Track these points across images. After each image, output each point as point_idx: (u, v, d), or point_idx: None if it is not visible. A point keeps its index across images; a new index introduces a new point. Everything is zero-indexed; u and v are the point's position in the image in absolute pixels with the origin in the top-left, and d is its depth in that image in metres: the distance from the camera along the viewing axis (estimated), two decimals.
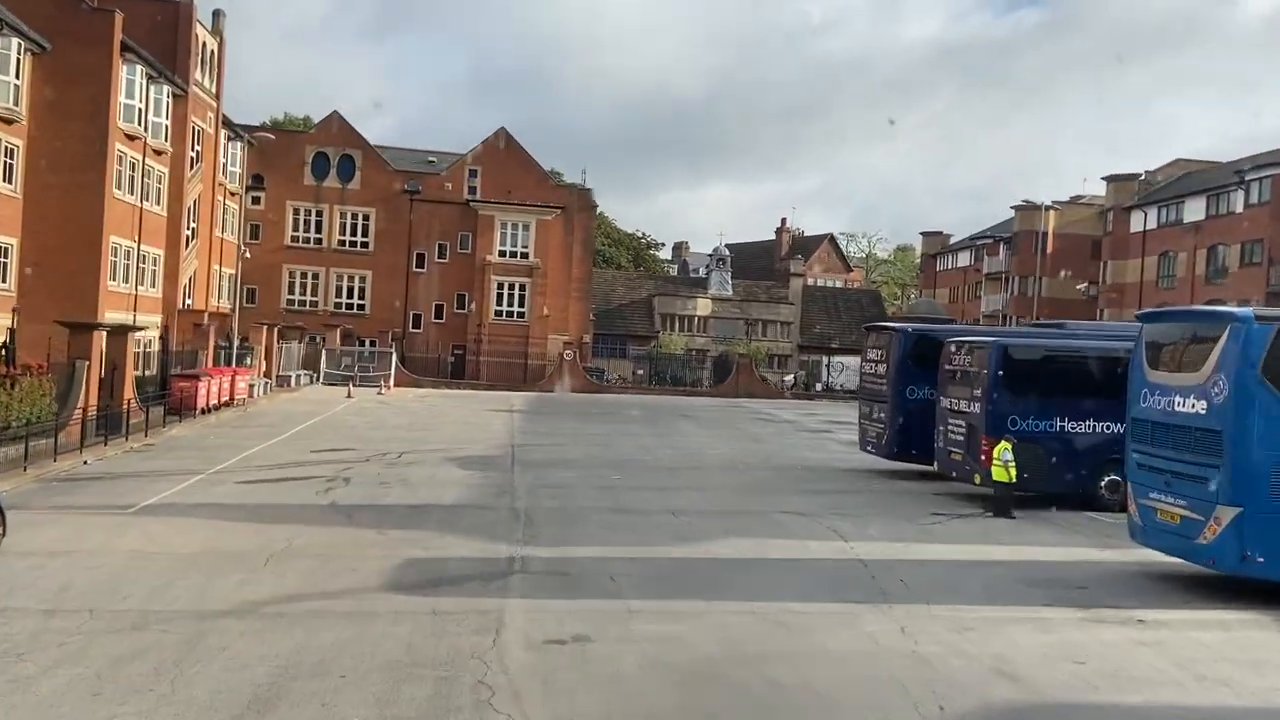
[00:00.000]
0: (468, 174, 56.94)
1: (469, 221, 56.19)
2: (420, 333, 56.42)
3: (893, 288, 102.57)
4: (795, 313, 79.73)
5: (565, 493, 20.49)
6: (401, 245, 56.08)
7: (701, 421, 39.03)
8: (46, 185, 33.49)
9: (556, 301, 57.09)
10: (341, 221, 55.73)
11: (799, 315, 79.90)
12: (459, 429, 32.53)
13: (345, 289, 56.02)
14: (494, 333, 55.27)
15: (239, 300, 45.31)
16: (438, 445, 27.85)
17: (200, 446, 25.80)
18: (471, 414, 38.22)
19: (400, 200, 56.07)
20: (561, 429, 33.89)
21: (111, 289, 35.74)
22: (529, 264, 55.87)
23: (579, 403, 46.77)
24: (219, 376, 33.93)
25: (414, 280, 56.37)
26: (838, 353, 75.08)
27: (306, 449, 26.01)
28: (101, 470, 21.35)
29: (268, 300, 54.65)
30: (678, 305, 76.67)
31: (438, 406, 41.24)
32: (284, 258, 55.11)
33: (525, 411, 40.30)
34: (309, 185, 55.36)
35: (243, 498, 18.66)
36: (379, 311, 55.92)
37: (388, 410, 38.45)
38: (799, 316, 79.92)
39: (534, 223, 55.95)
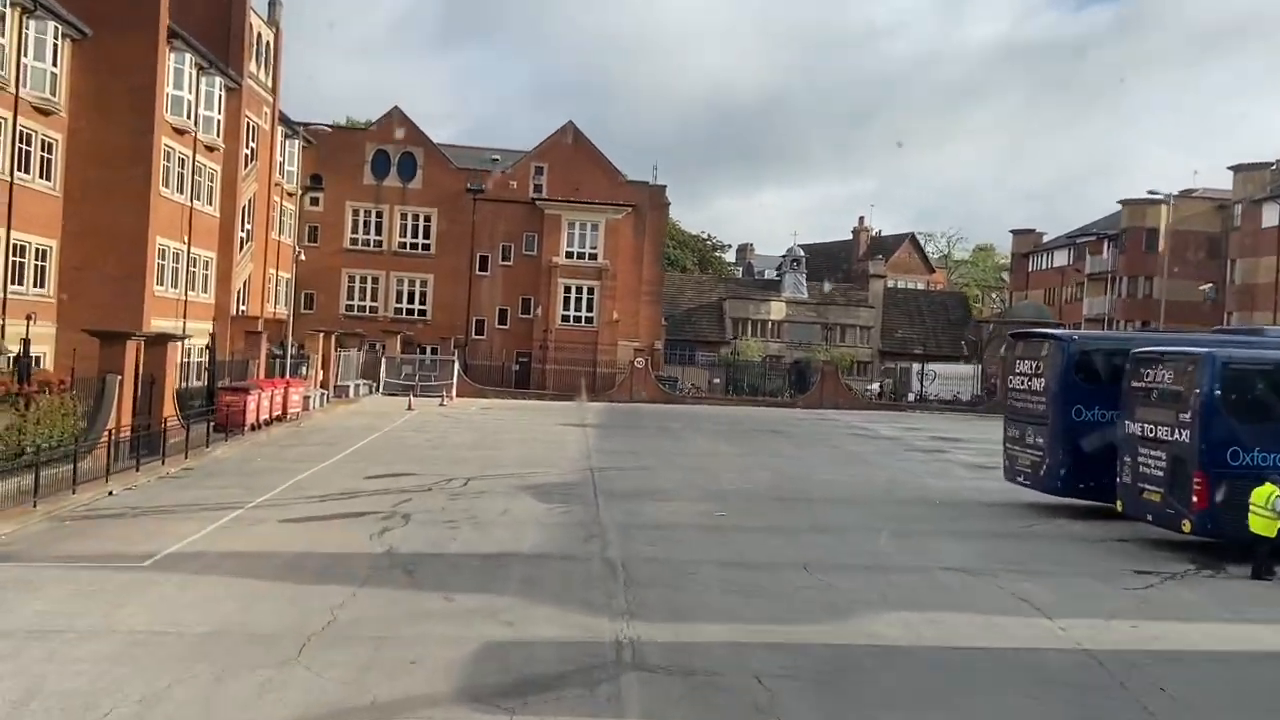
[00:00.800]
0: (533, 171, 53.98)
1: (534, 221, 53.20)
2: (483, 339, 53.57)
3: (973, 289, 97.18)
4: (875, 316, 75.38)
5: (665, 536, 17.00)
6: (464, 247, 53.33)
7: (794, 438, 35.26)
8: (87, 182, 31.19)
9: (626, 305, 53.77)
10: (402, 223, 53.18)
11: (880, 319, 75.56)
12: (529, 448, 29.31)
13: (406, 293, 53.45)
14: (561, 339, 52.17)
15: (295, 306, 42.86)
16: (508, 468, 24.61)
17: (244, 471, 22.92)
18: (541, 429, 35.03)
19: (463, 200, 53.33)
20: (642, 448, 30.46)
21: (159, 294, 33.37)
22: (597, 266, 52.66)
23: (654, 415, 43.33)
24: (270, 389, 31.25)
25: (477, 284, 53.57)
26: (921, 359, 70.69)
27: (362, 473, 22.97)
28: (127, 503, 18.49)
29: (326, 306, 52.34)
30: (750, 309, 72.88)
31: (504, 420, 38.15)
32: (343, 261, 52.75)
33: (599, 426, 36.98)
34: (368, 185, 52.93)
35: (284, 543, 15.55)
36: (441, 317, 53.22)
37: (450, 424, 35.46)
38: (880, 320, 75.58)
39: (603, 222, 52.74)
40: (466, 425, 35.40)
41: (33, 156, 29.36)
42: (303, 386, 35.76)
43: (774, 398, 54.19)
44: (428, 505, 19.19)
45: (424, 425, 34.84)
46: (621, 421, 39.39)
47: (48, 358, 29.89)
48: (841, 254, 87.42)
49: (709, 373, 58.02)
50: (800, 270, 76.31)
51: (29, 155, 29.17)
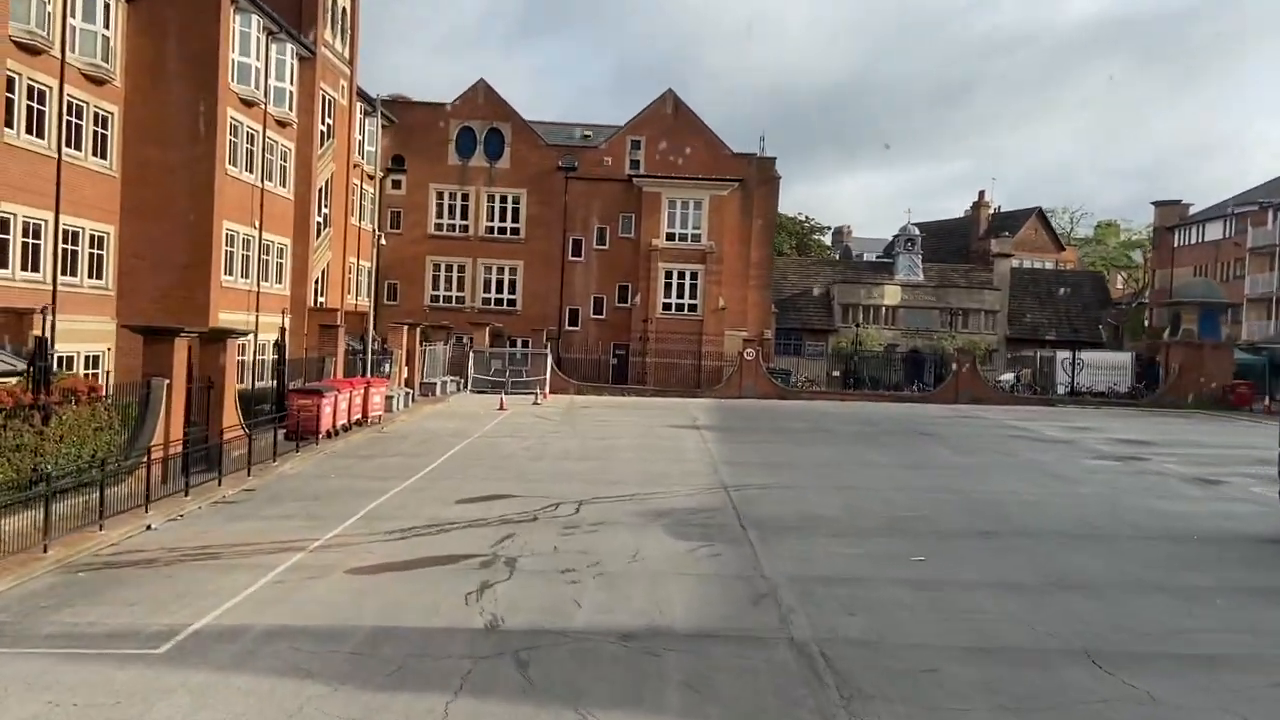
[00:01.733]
0: (629, 146, 49.73)
1: (632, 201, 48.97)
2: (577, 330, 49.66)
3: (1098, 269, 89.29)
4: (1001, 300, 69.15)
5: (861, 598, 12.50)
6: (556, 231, 49.46)
7: (948, 442, 30.22)
8: (146, 161, 28.16)
9: (733, 291, 49.16)
10: (489, 205, 49.59)
11: (1006, 302, 69.26)
12: (644, 456, 25.08)
13: (494, 282, 49.88)
14: (662, 329, 47.88)
15: (377, 297, 39.60)
16: (624, 486, 20.42)
17: (313, 493, 19.23)
18: (651, 431, 30.81)
19: (554, 179, 49.43)
20: (775, 457, 25.93)
21: (227, 285, 30.25)
22: (702, 248, 48.15)
23: (772, 414, 38.68)
24: (348, 390, 27.75)
25: (570, 270, 49.65)
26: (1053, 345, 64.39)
27: (453, 495, 19.06)
28: (165, 542, 14.85)
29: (409, 297, 49.17)
30: (861, 294, 67.44)
31: (607, 421, 34.05)
32: (427, 248, 49.46)
33: (715, 428, 32.55)
34: (453, 165, 49.46)
35: (352, 610, 11.58)
36: (531, 307, 49.50)
37: (548, 427, 31.51)
38: (1006, 304, 69.28)
39: (707, 199, 48.18)
40: (567, 429, 31.40)
41: (84, 131, 26.36)
42: (385, 386, 32.28)
43: (898, 391, 48.92)
44: (535, 543, 15.08)
45: (519, 429, 30.98)
46: (739, 422, 34.88)
47: (108, 358, 26.97)
48: (958, 232, 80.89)
49: (827, 364, 52.97)
50: (915, 251, 70.50)
51: (79, 130, 26.17)
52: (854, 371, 49.64)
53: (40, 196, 24.50)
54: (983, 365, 59.40)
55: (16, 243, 23.79)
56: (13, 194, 23.43)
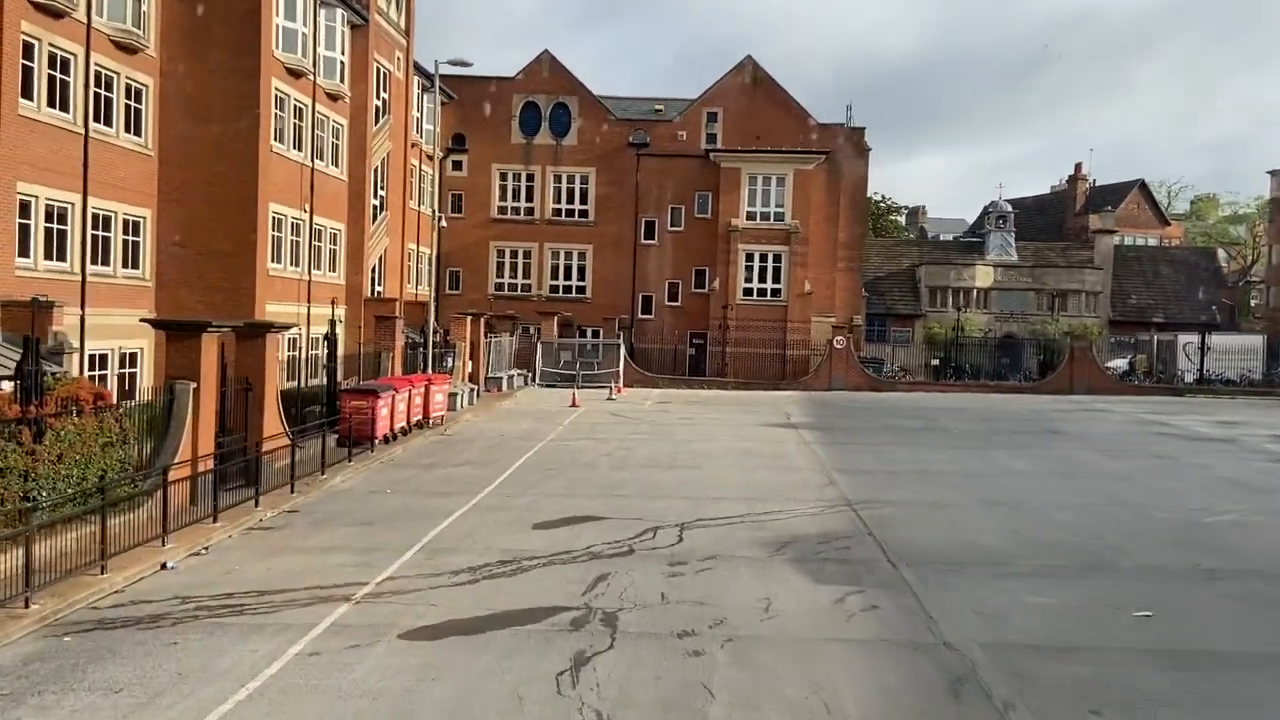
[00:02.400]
0: (705, 119, 46.24)
1: (709, 177, 45.52)
2: (651, 319, 46.46)
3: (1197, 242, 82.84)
4: (1104, 279, 64.05)
5: (1106, 685, 9.12)
6: (627, 212, 46.27)
7: (1089, 442, 26.31)
8: (186, 138, 25.65)
9: (820, 274, 45.43)
10: (556, 186, 46.60)
11: (1109, 283, 64.18)
12: (743, 464, 21.80)
13: (562, 268, 46.91)
14: (742, 316, 44.42)
15: (438, 286, 36.91)
16: (730, 503, 17.20)
17: (365, 514, 16.36)
18: (743, 431, 27.49)
19: (624, 156, 46.22)
20: (895, 462, 22.42)
21: (275, 273, 27.70)
22: (785, 228, 44.50)
23: (871, 409, 35.01)
24: (407, 388, 24.95)
25: (642, 254, 46.44)
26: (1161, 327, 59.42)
27: (528, 517, 16.04)
28: (178, 588, 12.06)
29: (472, 285, 46.49)
30: (950, 275, 62.95)
31: (691, 419, 30.81)
32: (490, 233, 46.69)
33: (814, 426, 29.07)
34: (517, 144, 46.55)
35: (403, 709, 8.53)
36: (601, 294, 46.43)
37: (628, 428, 28.39)
38: (1109, 284, 64.19)
39: (791, 174, 44.48)
40: (649, 429, 28.24)
41: (115, 105, 23.90)
42: (447, 382, 29.48)
43: (1001, 381, 44.69)
44: (637, 588, 11.95)
45: (595, 429, 27.92)
46: (839, 420, 31.33)
47: (144, 356, 24.57)
48: (1052, 208, 75.71)
49: (914, 351, 48.93)
50: (1008, 229, 65.77)
51: (110, 104, 23.72)
52: (952, 360, 45.52)
53: (65, 177, 22.10)
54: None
55: (39, 228, 21.41)
56: (33, 174, 21.03)
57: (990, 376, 45.27)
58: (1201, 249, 71.38)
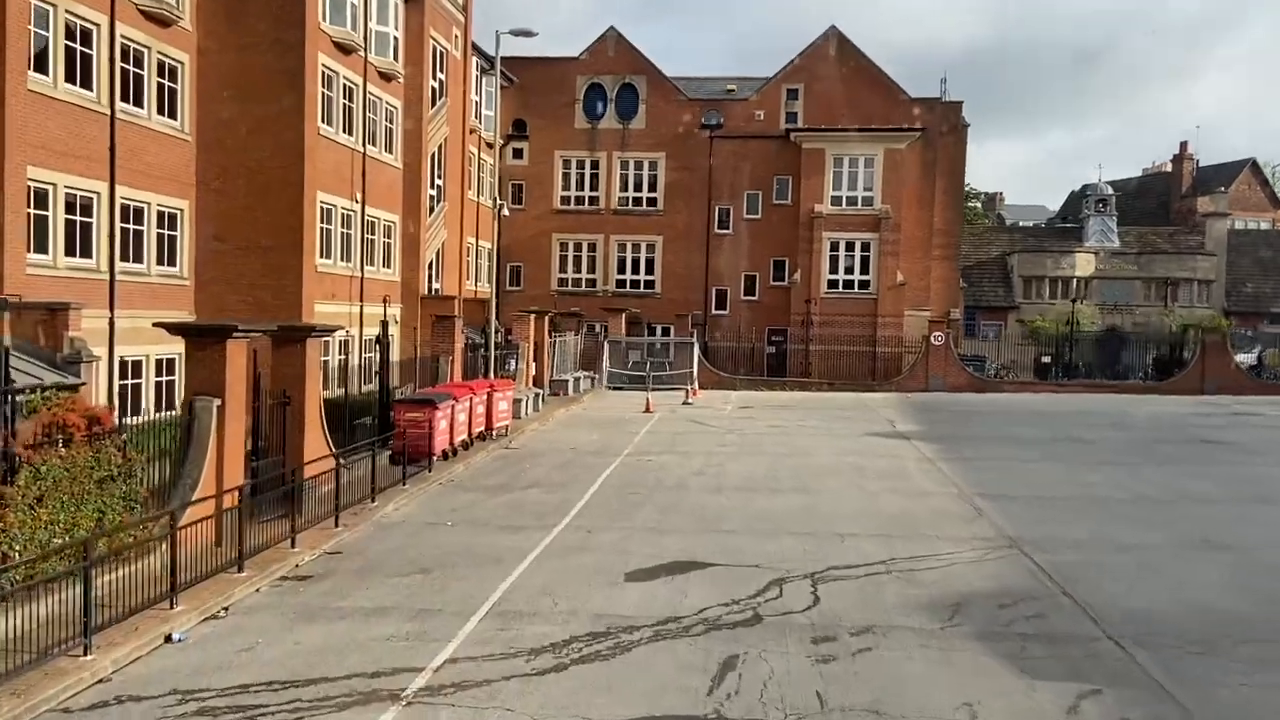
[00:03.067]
0: (785, 96, 42.90)
1: (788, 160, 42.21)
2: (725, 314, 43.33)
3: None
4: (1217, 267, 59.21)
5: None
6: (699, 199, 43.19)
7: (1266, 456, 22.53)
8: (225, 121, 23.29)
9: (913, 264, 41.83)
10: (623, 174, 43.71)
11: (1223, 270, 59.28)
12: (860, 484, 18.62)
13: (629, 261, 44.02)
14: (827, 310, 41.05)
15: (499, 282, 34.29)
16: (861, 540, 14.09)
17: (419, 558, 13.60)
18: (847, 443, 24.26)
19: (696, 140, 43.13)
20: (1040, 482, 19.03)
21: (323, 269, 25.23)
22: (874, 213, 40.98)
23: (982, 412, 31.46)
24: (468, 396, 22.26)
25: (716, 245, 43.33)
26: None
27: (618, 563, 13.13)
28: (178, 678, 9.37)
29: (534, 280, 43.88)
30: (1047, 264, 58.71)
31: (782, 426, 27.67)
32: (553, 225, 44.00)
33: (927, 436, 25.69)
34: (580, 129, 43.76)
35: None
36: (672, 289, 43.45)
37: (713, 438, 25.35)
38: (1223, 272, 59.30)
39: (881, 155, 40.94)
40: (737, 439, 25.17)
41: (146, 83, 21.58)
42: (511, 388, 26.77)
43: (1120, 380, 40.57)
44: (780, 687, 8.95)
45: (676, 440, 24.95)
46: (950, 426, 27.89)
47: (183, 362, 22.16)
48: (1152, 191, 70.62)
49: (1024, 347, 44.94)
50: (1108, 213, 61.20)
51: (140, 81, 21.40)
52: (1063, 356, 41.46)
53: (88, 163, 19.81)
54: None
55: (58, 220, 19.13)
56: (49, 158, 18.74)
57: (1104, 374, 41.19)
58: None
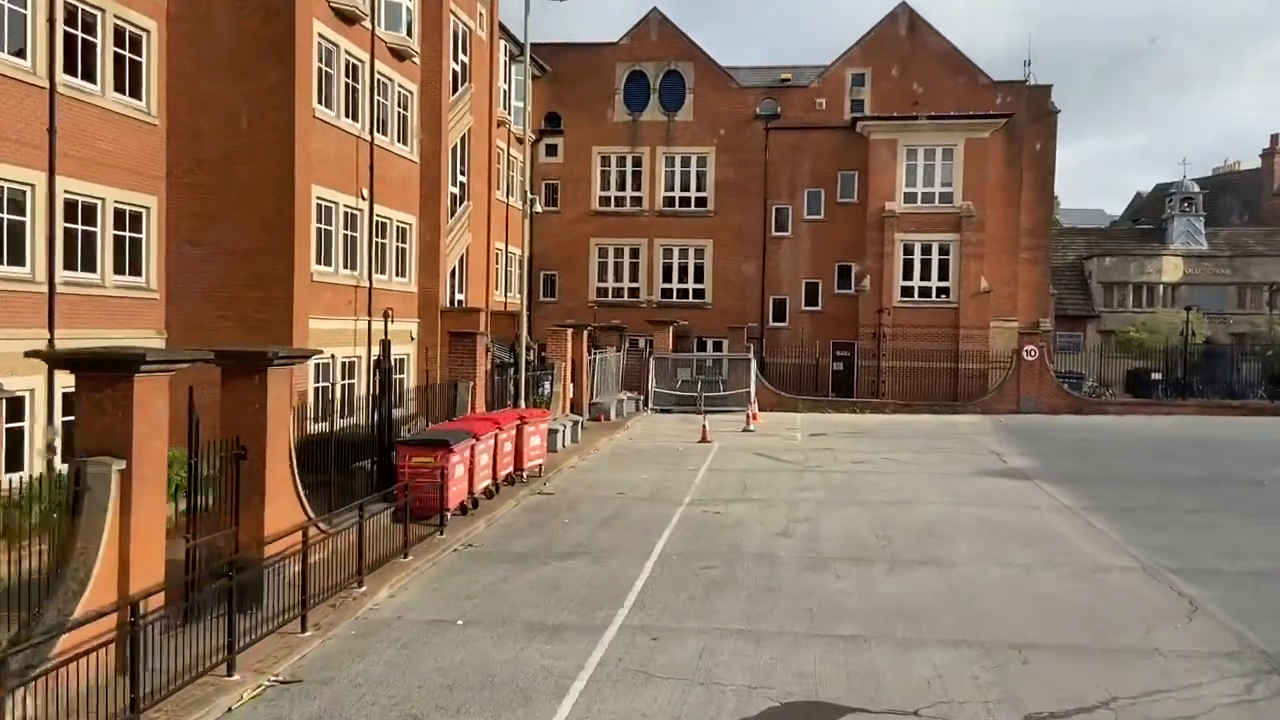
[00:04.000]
0: (850, 81, 38.61)
1: (854, 153, 37.89)
2: (785, 327, 39.01)
3: None
4: None
5: None
6: (754, 199, 38.98)
7: None
8: (202, 101, 19.52)
9: (999, 269, 37.26)
10: (668, 171, 39.63)
11: None
12: (1004, 555, 14.22)
13: (676, 268, 39.88)
14: (901, 321, 36.60)
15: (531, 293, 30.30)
16: (1054, 663, 9.76)
17: (411, 694, 9.45)
18: (957, 485, 19.83)
19: (750, 132, 38.94)
20: (1247, 548, 14.57)
21: (320, 277, 21.34)
22: (955, 211, 36.50)
23: (1103, 441, 26.83)
24: (492, 432, 18.14)
25: (773, 250, 39.06)
26: None
27: (704, 704, 8.84)
28: None
29: (571, 290, 39.91)
30: (1130, 269, 53.70)
31: (869, 460, 23.27)
32: (591, 228, 40.02)
33: (1055, 477, 21.12)
34: (621, 122, 39.77)
35: None
36: (724, 298, 39.24)
37: (790, 478, 21.01)
38: None
39: (961, 145, 36.46)
40: (820, 481, 20.80)
41: (100, 53, 17.82)
42: (545, 418, 22.61)
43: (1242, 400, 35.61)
44: None
45: (746, 481, 20.65)
46: (1074, 462, 23.31)
47: None
48: (1239, 188, 65.24)
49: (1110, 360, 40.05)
50: (1195, 213, 56.08)
51: (94, 52, 17.64)
52: (1172, 372, 36.50)
53: (20, 148, 16.03)
54: None
55: None
56: None
57: (1217, 393, 36.20)
58: None
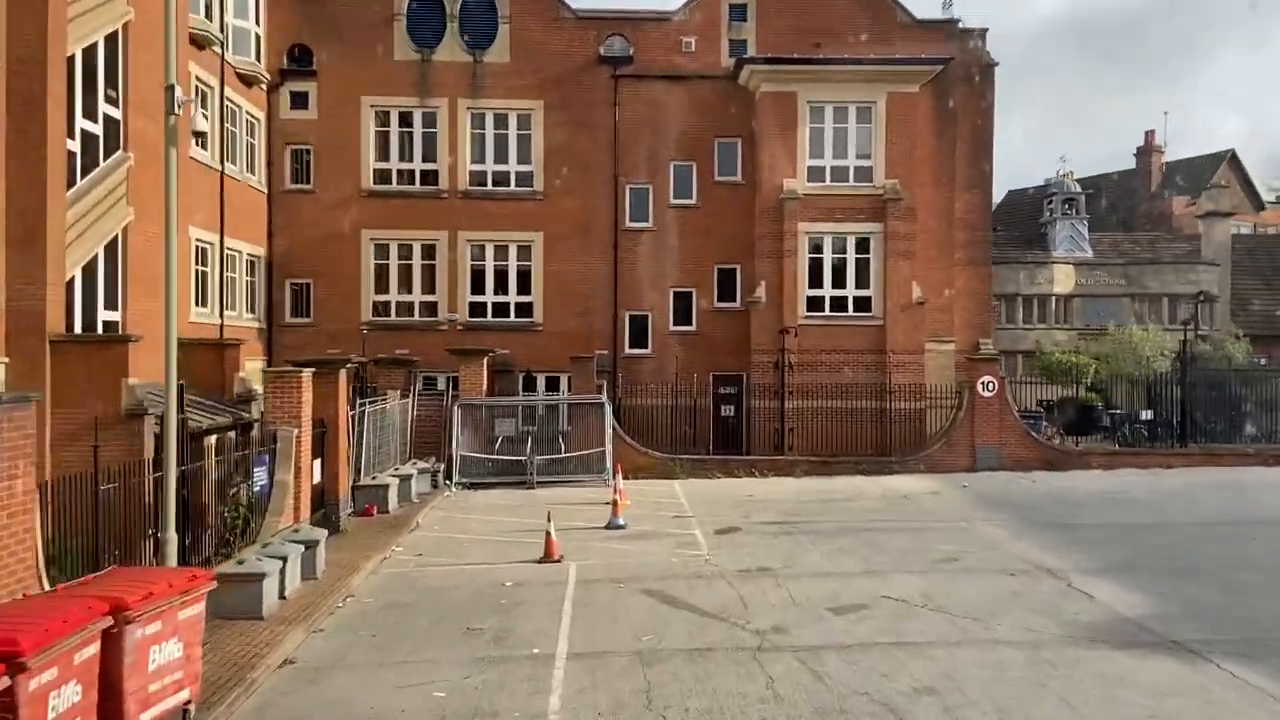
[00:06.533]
0: (727, 15, 28.66)
1: (738, 113, 28.04)
2: (648, 355, 28.46)
3: None
4: (1221, 280, 48.93)
5: None
6: (600, 175, 28.32)
7: None
8: None
9: (931, 270, 28.26)
10: (477, 133, 28.33)
11: (1227, 284, 49.19)
12: None
13: (491, 274, 28.54)
14: (809, 344, 26.84)
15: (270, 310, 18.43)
16: None
17: None
18: (1069, 686, 9.62)
19: (592, 81, 28.31)
20: None
21: None
22: (877, 192, 27.16)
23: (1154, 523, 17.71)
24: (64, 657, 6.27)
25: (629, 247, 28.48)
26: None
27: None
28: None
29: (333, 307, 27.86)
30: (1020, 279, 46.85)
31: (857, 610, 12.78)
32: (364, 216, 28.08)
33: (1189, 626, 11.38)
34: (405, 63, 28.17)
35: None
36: (561, 316, 28.28)
37: (737, 678, 10.15)
38: (1227, 286, 49.20)
39: (882, 102, 27.21)
40: (783, 669, 10.08)
41: None
42: (205, 582, 10.70)
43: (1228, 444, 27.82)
44: None
45: (653, 693, 9.60)
46: (1231, 597, 13.74)
47: None
48: (1116, 189, 60.80)
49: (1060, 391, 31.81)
50: (1077, 216, 50.14)
51: None
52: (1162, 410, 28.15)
53: None
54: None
55: None
56: None
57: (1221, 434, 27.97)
58: None
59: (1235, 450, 26.35)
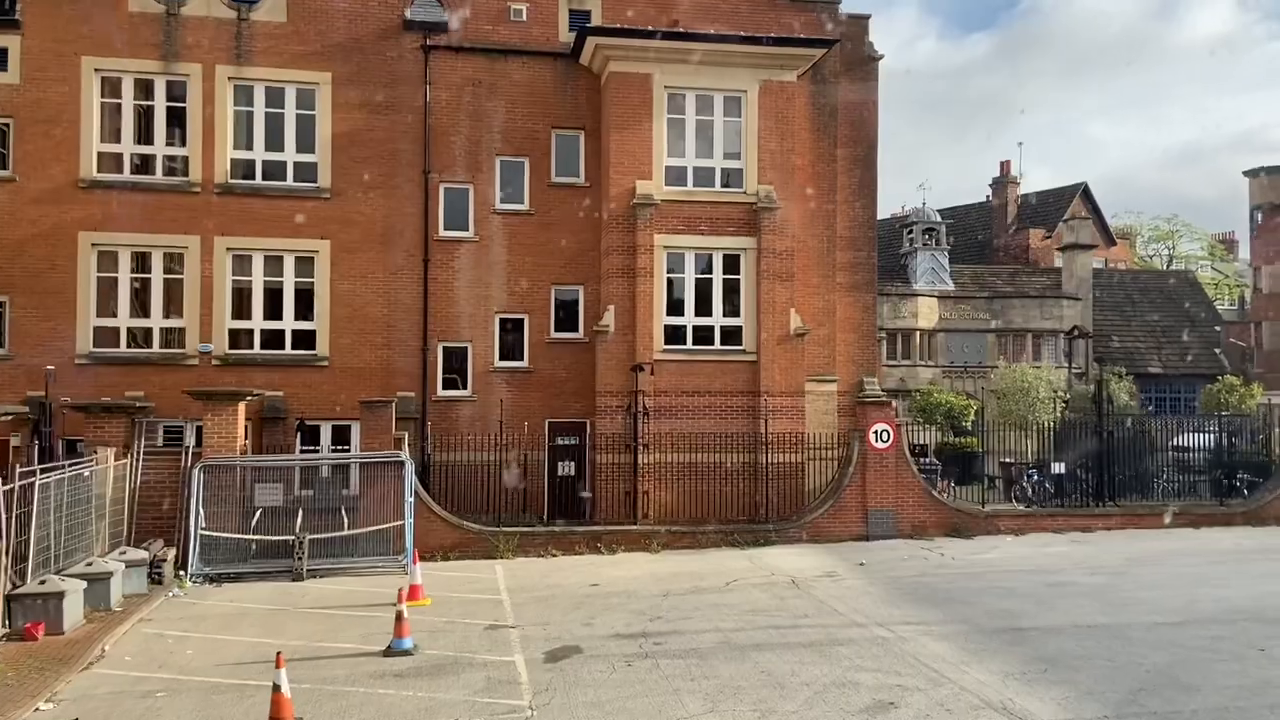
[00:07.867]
0: None
1: (581, 99, 23.09)
2: (466, 399, 22.81)
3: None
4: (1083, 315, 47.68)
5: None
6: (406, 171, 22.66)
7: None
8: None
9: (810, 297, 23.91)
10: (239, 111, 22.15)
11: (1089, 320, 47.98)
12: None
13: (261, 293, 22.25)
14: (668, 385, 21.93)
15: None
16: None
17: None
18: None
19: (396, 50, 22.71)
20: None
21: None
22: (748, 200, 22.62)
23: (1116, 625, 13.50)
24: None
25: (443, 262, 22.86)
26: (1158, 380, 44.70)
27: None
28: None
29: (39, 335, 21.08)
30: (885, 311, 43.93)
31: None
32: (84, 214, 21.40)
33: None
34: (144, 16, 21.81)
35: None
36: (352, 348, 22.33)
37: None
38: (1090, 321, 47.99)
39: (754, 91, 22.79)
40: None
41: None
42: None
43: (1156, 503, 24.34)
44: None
45: None
46: None
47: None
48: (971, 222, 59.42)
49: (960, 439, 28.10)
50: (941, 248, 48.01)
51: None
52: (1079, 458, 24.27)
53: None
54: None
55: None
56: None
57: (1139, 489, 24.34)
58: (1177, 273, 57.05)
59: (1154, 509, 22.94)
